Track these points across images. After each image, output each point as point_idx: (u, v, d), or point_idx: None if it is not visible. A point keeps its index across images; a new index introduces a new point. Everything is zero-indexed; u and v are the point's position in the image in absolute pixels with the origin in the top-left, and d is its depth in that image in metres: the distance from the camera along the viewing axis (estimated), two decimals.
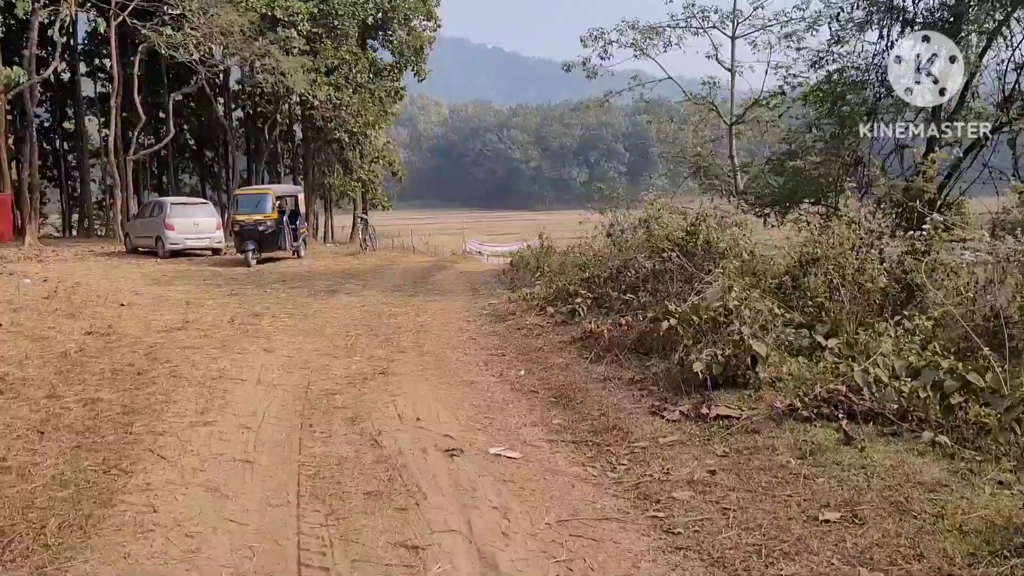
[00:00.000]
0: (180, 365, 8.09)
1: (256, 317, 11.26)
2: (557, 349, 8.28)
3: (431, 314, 11.34)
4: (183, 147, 42.38)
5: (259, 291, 14.59)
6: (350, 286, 15.26)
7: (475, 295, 13.41)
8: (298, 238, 22.26)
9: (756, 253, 9.48)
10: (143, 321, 11.01)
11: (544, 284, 11.39)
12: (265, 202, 20.64)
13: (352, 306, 12.36)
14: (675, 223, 10.50)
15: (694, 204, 26.68)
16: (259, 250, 20.52)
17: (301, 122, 38.01)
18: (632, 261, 10.46)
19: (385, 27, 36.38)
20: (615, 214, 27.38)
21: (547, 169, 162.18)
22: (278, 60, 27.65)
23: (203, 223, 23.15)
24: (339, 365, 7.99)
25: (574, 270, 13.97)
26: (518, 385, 6.99)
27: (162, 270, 18.87)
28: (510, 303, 11.53)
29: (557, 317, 9.74)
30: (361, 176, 36.10)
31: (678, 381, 6.46)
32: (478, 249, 54.94)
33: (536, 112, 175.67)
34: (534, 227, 68.68)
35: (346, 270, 18.90)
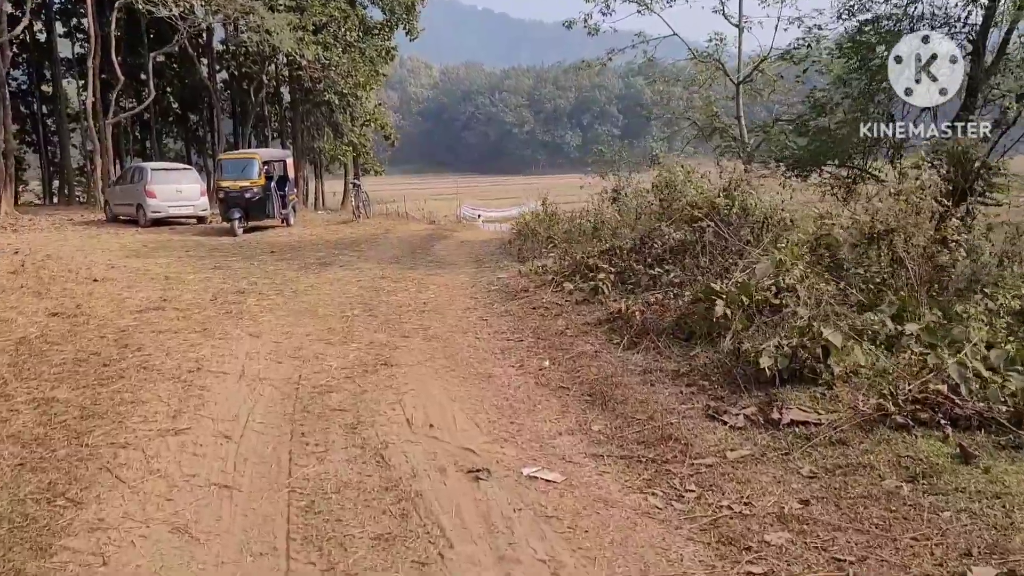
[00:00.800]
0: (153, 354, 7.11)
1: (241, 294, 10.25)
2: (582, 333, 7.31)
3: (434, 290, 10.35)
4: (166, 111, 40.95)
5: (245, 264, 13.54)
6: (344, 258, 14.22)
7: (480, 267, 12.40)
8: (287, 205, 21.14)
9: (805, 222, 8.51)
10: (116, 299, 9.99)
11: (558, 256, 10.38)
12: (251, 167, 19.48)
13: (347, 281, 11.34)
14: (705, 188, 9.51)
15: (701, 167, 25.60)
16: (246, 218, 19.41)
17: (289, 84, 36.56)
18: (656, 231, 9.46)
19: None
20: (618, 178, 26.26)
21: (540, 132, 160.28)
22: (263, 17, 26.24)
23: (186, 190, 21.99)
24: (335, 353, 7.01)
25: (588, 240, 13.01)
26: (543, 379, 6.03)
27: (142, 240, 17.76)
28: (521, 277, 10.53)
29: (577, 294, 8.75)
30: (352, 140, 34.79)
31: (732, 374, 5.51)
32: (475, 214, 53.93)
33: (529, 74, 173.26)
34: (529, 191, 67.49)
35: (339, 239, 17.84)
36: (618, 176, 28.07)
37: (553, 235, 12.45)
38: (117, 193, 23.11)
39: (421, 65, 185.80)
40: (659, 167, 26.04)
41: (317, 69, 30.30)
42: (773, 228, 8.23)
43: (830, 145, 13.95)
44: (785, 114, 26.43)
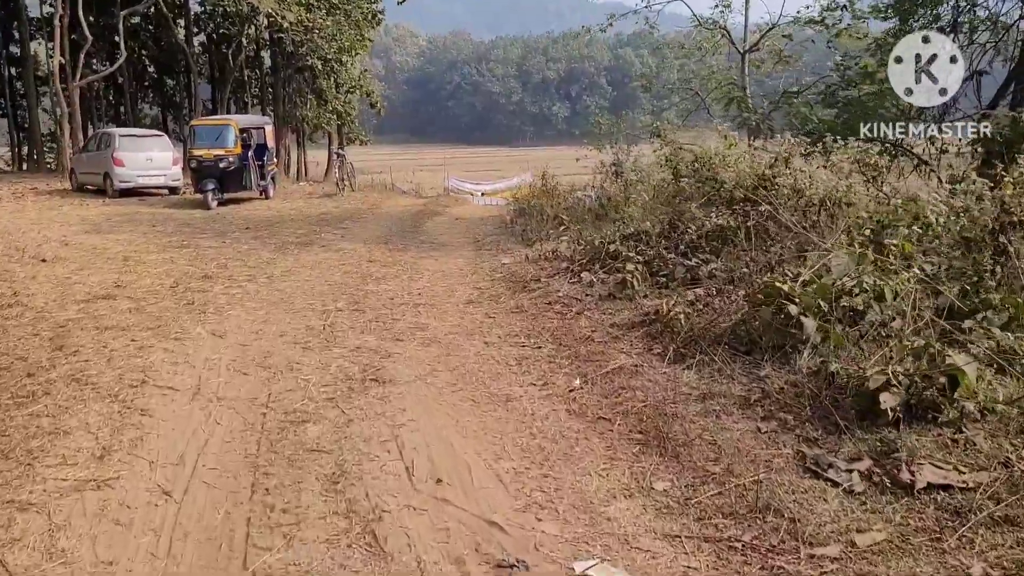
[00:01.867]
0: (91, 360, 5.82)
1: (207, 280, 8.92)
2: (613, 339, 6.06)
3: (430, 277, 9.05)
4: (142, 75, 39.11)
5: (216, 242, 12.17)
6: (327, 236, 12.87)
7: (479, 249, 11.09)
8: (266, 176, 19.67)
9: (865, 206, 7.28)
10: (62, 285, 8.66)
11: (571, 239, 9.08)
12: (227, 135, 17.97)
13: (329, 264, 10.02)
14: (745, 164, 8.24)
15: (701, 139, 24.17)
16: (220, 190, 17.95)
17: (270, 47, 34.78)
18: (686, 213, 8.20)
19: None
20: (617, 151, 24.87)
21: (528, 103, 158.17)
22: None
23: (158, 158, 20.45)
24: (313, 362, 5.73)
25: (595, 219, 11.75)
26: (576, 405, 4.78)
27: (106, 213, 16.31)
28: (528, 263, 9.24)
29: (599, 288, 7.48)
30: (336, 107, 33.13)
31: (822, 405, 4.30)
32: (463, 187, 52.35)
33: (517, 44, 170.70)
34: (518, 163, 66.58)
35: (322, 214, 16.43)
36: (616, 149, 26.86)
37: (560, 214, 11.11)
38: (83, 161, 21.54)
39: (407, 33, 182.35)
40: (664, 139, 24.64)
41: (300, 32, 28.60)
42: (834, 212, 6.97)
43: (860, 116, 12.73)
44: (794, 85, 25.23)
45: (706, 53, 26.03)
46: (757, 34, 25.45)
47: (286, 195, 21.52)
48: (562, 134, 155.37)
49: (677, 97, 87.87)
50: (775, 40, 25.67)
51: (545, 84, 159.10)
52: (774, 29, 24.50)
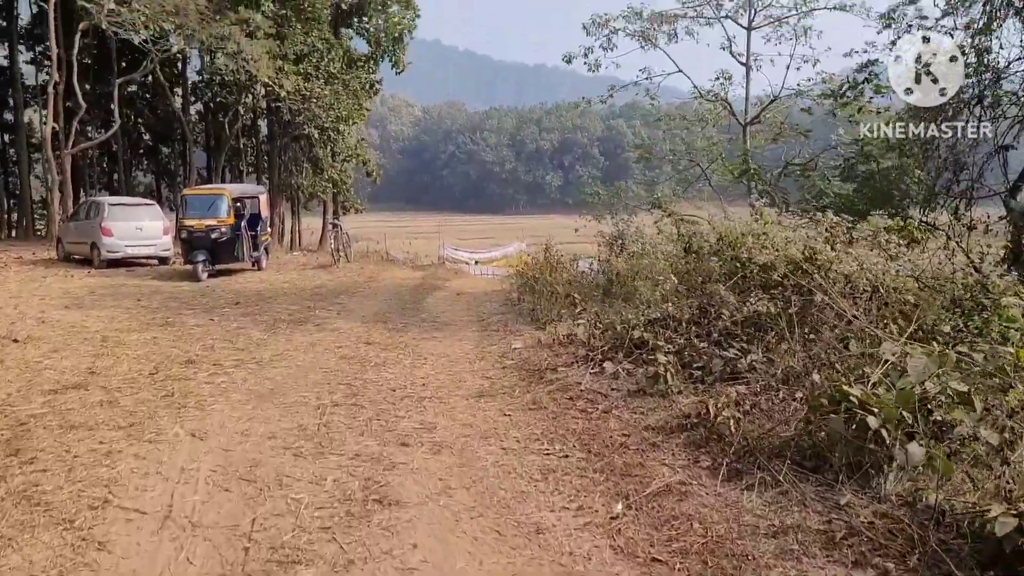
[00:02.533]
0: (50, 469, 5.03)
1: (190, 366, 8.14)
2: (651, 446, 5.29)
3: (434, 363, 8.29)
4: (137, 142, 38.84)
5: (204, 319, 11.42)
6: (322, 313, 12.13)
7: (486, 330, 10.35)
8: (259, 247, 19.05)
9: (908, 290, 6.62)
10: (31, 371, 7.87)
11: (589, 322, 8.36)
12: (219, 204, 17.41)
13: (324, 347, 9.27)
14: (779, 241, 7.59)
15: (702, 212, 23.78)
16: (211, 261, 17.30)
17: (267, 116, 34.60)
18: (716, 295, 7.51)
19: (361, 13, 33.12)
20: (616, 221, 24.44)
21: (522, 172, 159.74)
22: (239, 44, 24.36)
23: (148, 228, 19.87)
24: (306, 475, 4.94)
25: (603, 295, 11.10)
26: (623, 540, 3.98)
27: (90, 285, 15.57)
28: (541, 348, 8.50)
29: (626, 381, 6.74)
30: (332, 176, 32.77)
31: (923, 544, 3.53)
32: (458, 255, 51.97)
33: (511, 114, 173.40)
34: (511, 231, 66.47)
35: (316, 288, 15.73)
36: (616, 219, 26.46)
37: (572, 291, 10.41)
38: (71, 230, 20.91)
39: (403, 103, 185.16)
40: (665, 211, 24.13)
41: (297, 100, 28.38)
42: (888, 300, 6.30)
43: (882, 192, 12.25)
44: (796, 157, 24.99)
45: (706, 125, 25.85)
46: (758, 106, 25.34)
47: (279, 266, 20.88)
48: (555, 202, 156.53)
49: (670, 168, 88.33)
50: (775, 112, 25.59)
51: (539, 153, 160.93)
52: (775, 102, 24.42)
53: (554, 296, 10.68)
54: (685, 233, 12.93)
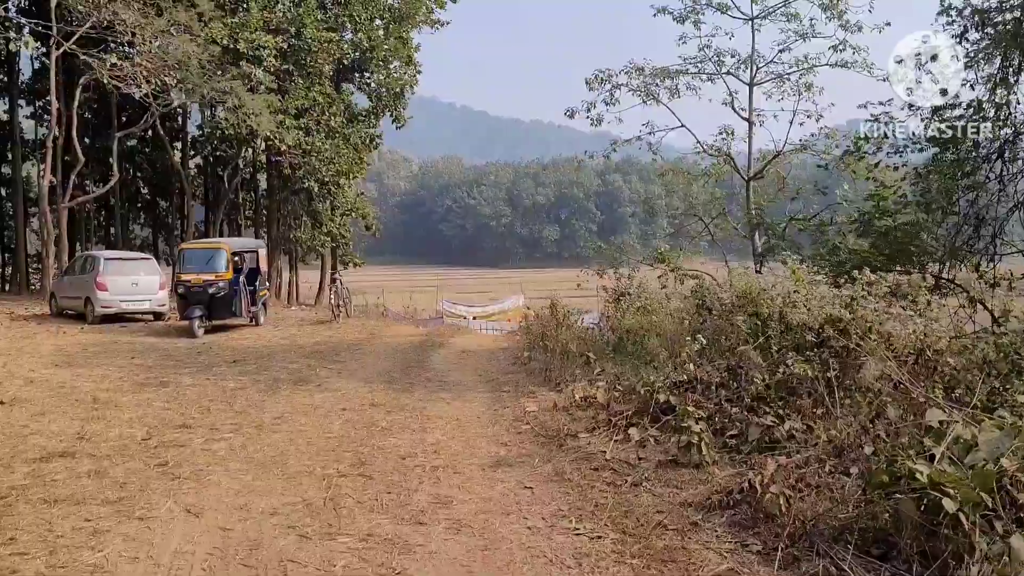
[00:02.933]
0: (30, 552, 4.58)
1: (185, 431, 7.67)
2: (690, 525, 4.82)
3: (444, 427, 7.82)
4: (135, 196, 38.70)
5: (200, 378, 10.96)
6: (323, 372, 11.68)
7: (496, 390, 9.88)
8: (257, 302, 18.64)
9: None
10: (16, 436, 7.41)
11: (608, 384, 7.92)
12: (217, 259, 17.06)
13: (328, 409, 8.80)
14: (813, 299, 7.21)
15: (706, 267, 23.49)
16: (208, 317, 16.88)
17: (266, 170, 34.52)
18: (744, 355, 7.10)
19: (362, 68, 33.29)
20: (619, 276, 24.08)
21: (518, 226, 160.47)
22: (240, 98, 24.31)
23: (144, 282, 19.47)
24: (313, 559, 4.46)
25: (608, 352, 10.71)
26: None
27: (83, 342, 15.12)
28: (558, 411, 8.03)
29: (654, 449, 6.29)
30: (332, 230, 32.55)
31: None
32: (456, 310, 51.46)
33: (508, 169, 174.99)
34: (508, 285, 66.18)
35: (316, 345, 15.29)
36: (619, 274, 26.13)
37: (586, 350, 9.97)
38: (65, 285, 20.51)
39: (400, 158, 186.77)
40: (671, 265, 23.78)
41: (297, 154, 28.28)
42: (935, 363, 5.90)
43: (900, 249, 11.92)
44: (800, 212, 24.80)
45: (709, 180, 25.74)
46: (760, 160, 25.23)
47: (277, 321, 20.45)
48: (552, 256, 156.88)
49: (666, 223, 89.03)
50: (779, 167, 25.49)
51: (535, 208, 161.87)
52: (778, 157, 24.30)
53: (567, 355, 10.24)
54: (698, 289, 12.63)
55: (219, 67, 24.79)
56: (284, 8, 28.97)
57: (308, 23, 27.38)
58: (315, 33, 27.62)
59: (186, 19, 24.09)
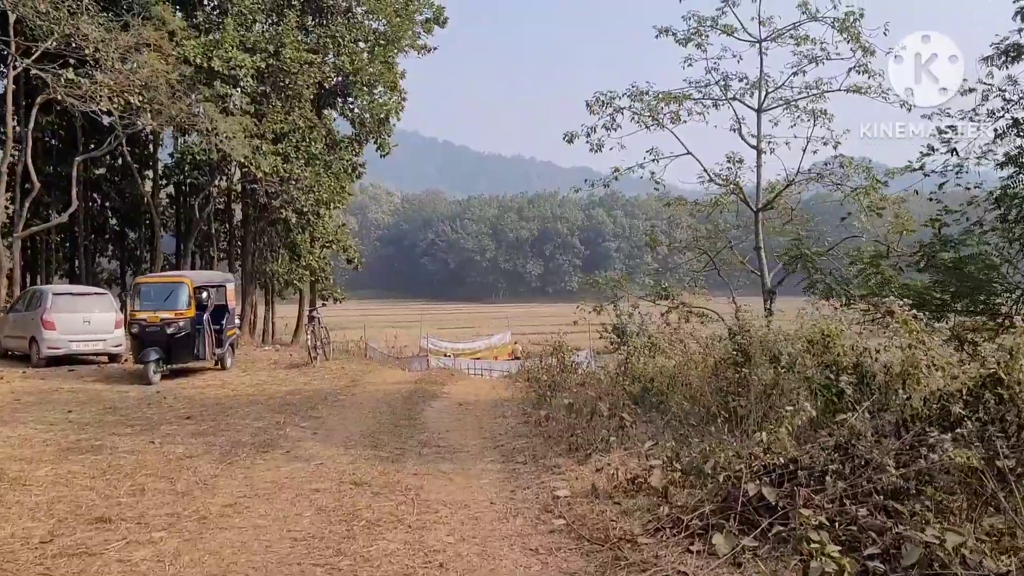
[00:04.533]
0: None
1: (101, 528, 5.71)
2: None
3: (450, 520, 5.88)
4: (102, 227, 36.54)
5: (142, 440, 8.96)
6: (294, 432, 9.70)
7: (508, 460, 7.92)
8: (224, 343, 16.62)
9: None
10: None
11: (665, 460, 5.99)
12: (178, 294, 15.08)
13: (296, 489, 6.84)
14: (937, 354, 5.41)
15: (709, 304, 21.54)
16: (167, 360, 14.87)
17: (241, 199, 32.55)
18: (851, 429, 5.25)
19: (346, 93, 31.55)
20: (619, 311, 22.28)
21: (502, 260, 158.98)
22: (213, 120, 22.48)
23: (97, 320, 17.44)
24: None
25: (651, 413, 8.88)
26: None
27: (18, 390, 13.07)
28: (599, 499, 6.07)
29: (756, 570, 4.39)
30: (311, 263, 30.55)
31: None
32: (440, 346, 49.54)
33: (492, 203, 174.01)
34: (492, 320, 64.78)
35: (289, 395, 13.27)
36: (618, 310, 24.31)
37: (619, 412, 8.04)
38: (9, 322, 18.41)
39: (383, 192, 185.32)
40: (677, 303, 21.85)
41: (274, 183, 26.38)
42: None
43: (975, 285, 10.23)
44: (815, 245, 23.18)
45: (717, 210, 24.13)
46: (769, 191, 23.67)
47: (248, 364, 18.39)
48: (536, 291, 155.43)
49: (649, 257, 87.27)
50: (788, 198, 23.98)
51: (519, 242, 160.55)
52: (791, 186, 22.76)
53: (594, 412, 8.31)
54: (737, 332, 10.84)
55: (191, 88, 22.98)
56: (262, 27, 27.28)
57: (288, 43, 25.64)
58: (295, 54, 25.88)
59: (156, 37, 22.36)
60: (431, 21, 33.31)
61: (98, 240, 36.75)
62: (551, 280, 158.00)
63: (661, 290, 23.67)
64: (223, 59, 23.50)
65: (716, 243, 25.40)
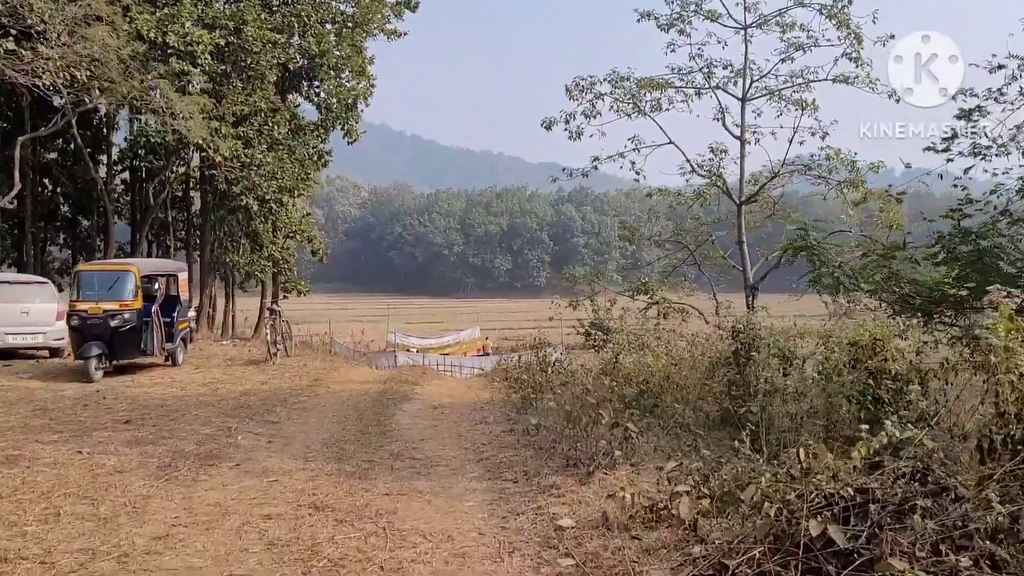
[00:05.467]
0: None
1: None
2: None
3: (429, 558, 4.78)
4: (53, 214, 34.73)
5: (68, 451, 7.73)
6: (246, 440, 8.52)
7: (495, 476, 6.79)
8: (175, 337, 15.30)
9: None
10: None
11: (692, 485, 4.93)
12: (123, 284, 13.73)
13: (244, 515, 5.70)
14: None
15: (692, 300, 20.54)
16: (110, 356, 13.55)
17: (200, 185, 31.00)
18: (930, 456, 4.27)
19: (311, 76, 30.16)
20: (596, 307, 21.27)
21: (470, 255, 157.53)
22: (168, 99, 21.06)
23: (37, 311, 16.01)
24: None
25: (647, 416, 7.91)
26: None
27: None
28: (610, 529, 5.02)
29: None
30: (273, 254, 29.12)
31: None
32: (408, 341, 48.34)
33: (460, 197, 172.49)
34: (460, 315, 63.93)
35: (244, 395, 12.03)
36: (596, 305, 23.31)
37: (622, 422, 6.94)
38: None
39: (350, 184, 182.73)
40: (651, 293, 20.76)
41: (235, 168, 24.95)
42: None
43: (996, 276, 9.38)
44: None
45: (700, 203, 23.28)
46: (752, 183, 22.89)
47: (203, 359, 17.07)
48: (504, 286, 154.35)
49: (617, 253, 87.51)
50: (771, 191, 23.23)
51: (487, 237, 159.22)
52: (776, 178, 22.00)
53: (588, 416, 7.20)
54: (741, 329, 9.88)
55: (144, 65, 21.51)
56: (222, 3, 25.80)
57: (250, 20, 24.19)
58: (257, 32, 24.45)
59: (108, 12, 20.87)
60: (401, 4, 31.99)
61: (48, 228, 34.96)
62: (519, 275, 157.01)
63: (641, 285, 22.79)
64: (179, 34, 22.03)
65: (697, 237, 24.59)
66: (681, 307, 22.16)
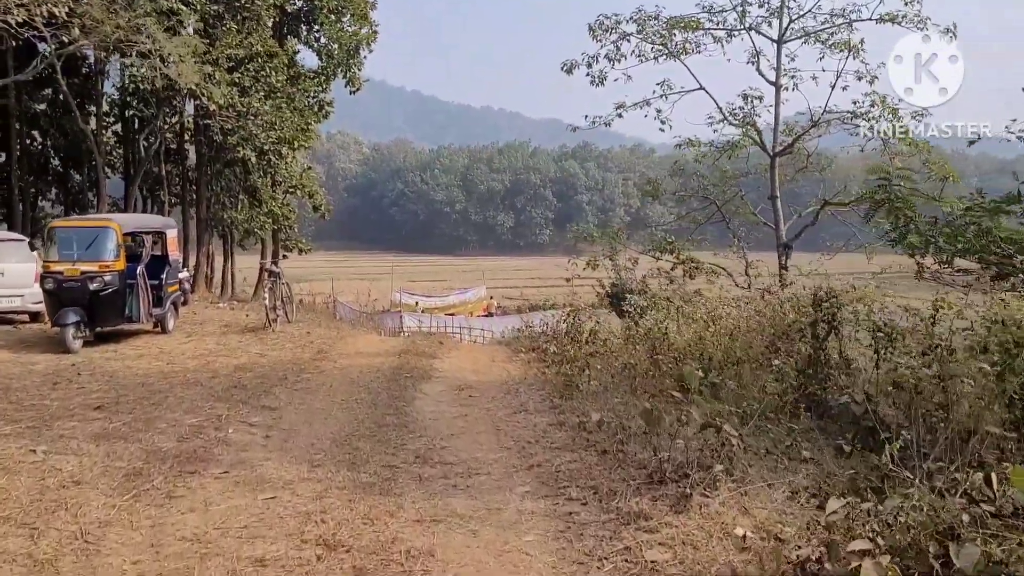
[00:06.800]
0: None
1: None
2: None
3: None
4: (44, 168, 33.05)
5: (21, 450, 6.26)
6: (239, 435, 7.04)
7: (554, 493, 5.23)
8: (163, 302, 13.81)
9: None
10: None
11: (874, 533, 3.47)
12: (103, 241, 12.20)
13: (230, 557, 4.25)
14: None
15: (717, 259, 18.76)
16: (89, 324, 12.07)
17: (194, 136, 29.24)
18: None
19: (311, 19, 28.23)
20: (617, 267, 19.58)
21: (472, 212, 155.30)
22: (157, 41, 19.29)
23: (13, 272, 14.53)
24: None
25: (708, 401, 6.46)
26: None
27: None
28: None
29: None
30: (273, 209, 27.49)
31: None
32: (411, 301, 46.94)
33: (462, 153, 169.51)
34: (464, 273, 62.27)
35: (238, 371, 10.53)
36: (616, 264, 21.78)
37: (715, 416, 5.43)
38: None
39: (351, 140, 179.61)
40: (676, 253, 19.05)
41: (231, 117, 23.24)
42: None
43: None
44: (839, 194, 20.82)
45: (728, 155, 21.64)
46: (787, 134, 21.25)
47: (194, 325, 15.58)
48: (507, 244, 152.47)
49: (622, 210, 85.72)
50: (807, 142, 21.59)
51: (490, 194, 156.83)
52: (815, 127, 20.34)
53: (678, 417, 5.68)
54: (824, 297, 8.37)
55: (130, 2, 19.73)
56: None
57: None
58: None
59: None
60: None
61: (39, 182, 33.34)
62: (523, 233, 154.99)
63: (666, 244, 21.25)
64: None
65: (725, 191, 23.02)
66: (710, 267, 20.70)
